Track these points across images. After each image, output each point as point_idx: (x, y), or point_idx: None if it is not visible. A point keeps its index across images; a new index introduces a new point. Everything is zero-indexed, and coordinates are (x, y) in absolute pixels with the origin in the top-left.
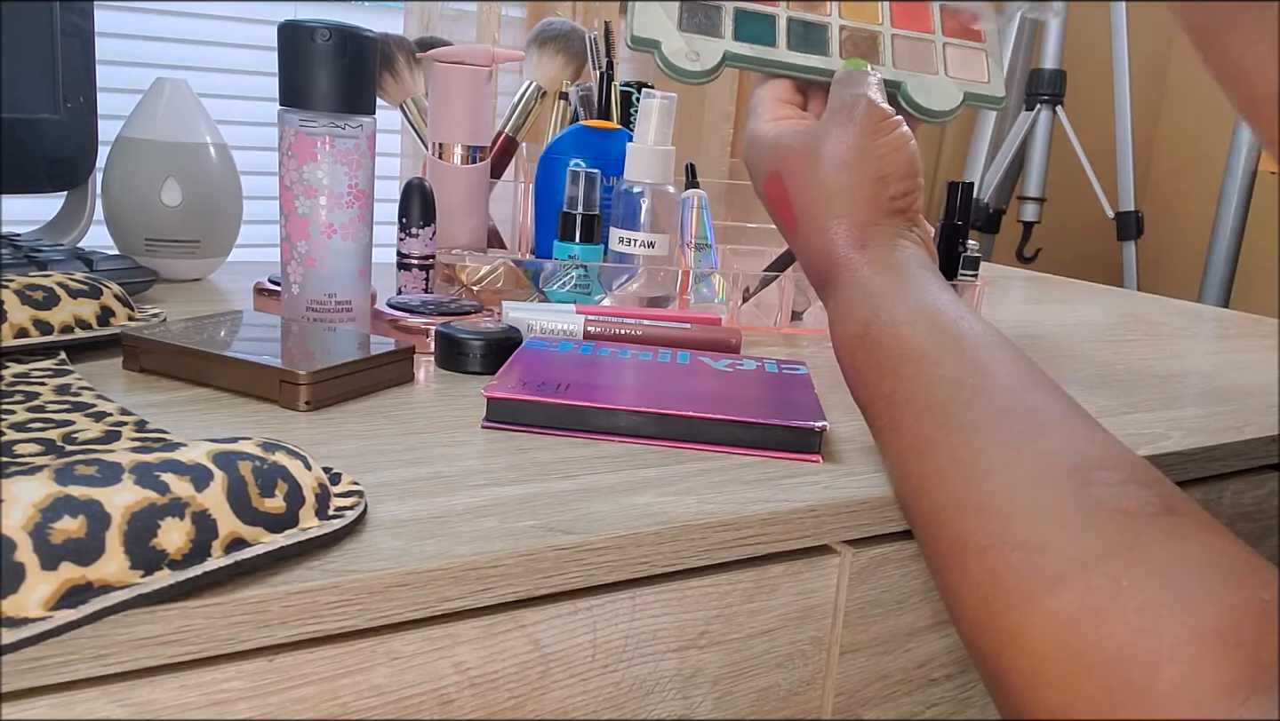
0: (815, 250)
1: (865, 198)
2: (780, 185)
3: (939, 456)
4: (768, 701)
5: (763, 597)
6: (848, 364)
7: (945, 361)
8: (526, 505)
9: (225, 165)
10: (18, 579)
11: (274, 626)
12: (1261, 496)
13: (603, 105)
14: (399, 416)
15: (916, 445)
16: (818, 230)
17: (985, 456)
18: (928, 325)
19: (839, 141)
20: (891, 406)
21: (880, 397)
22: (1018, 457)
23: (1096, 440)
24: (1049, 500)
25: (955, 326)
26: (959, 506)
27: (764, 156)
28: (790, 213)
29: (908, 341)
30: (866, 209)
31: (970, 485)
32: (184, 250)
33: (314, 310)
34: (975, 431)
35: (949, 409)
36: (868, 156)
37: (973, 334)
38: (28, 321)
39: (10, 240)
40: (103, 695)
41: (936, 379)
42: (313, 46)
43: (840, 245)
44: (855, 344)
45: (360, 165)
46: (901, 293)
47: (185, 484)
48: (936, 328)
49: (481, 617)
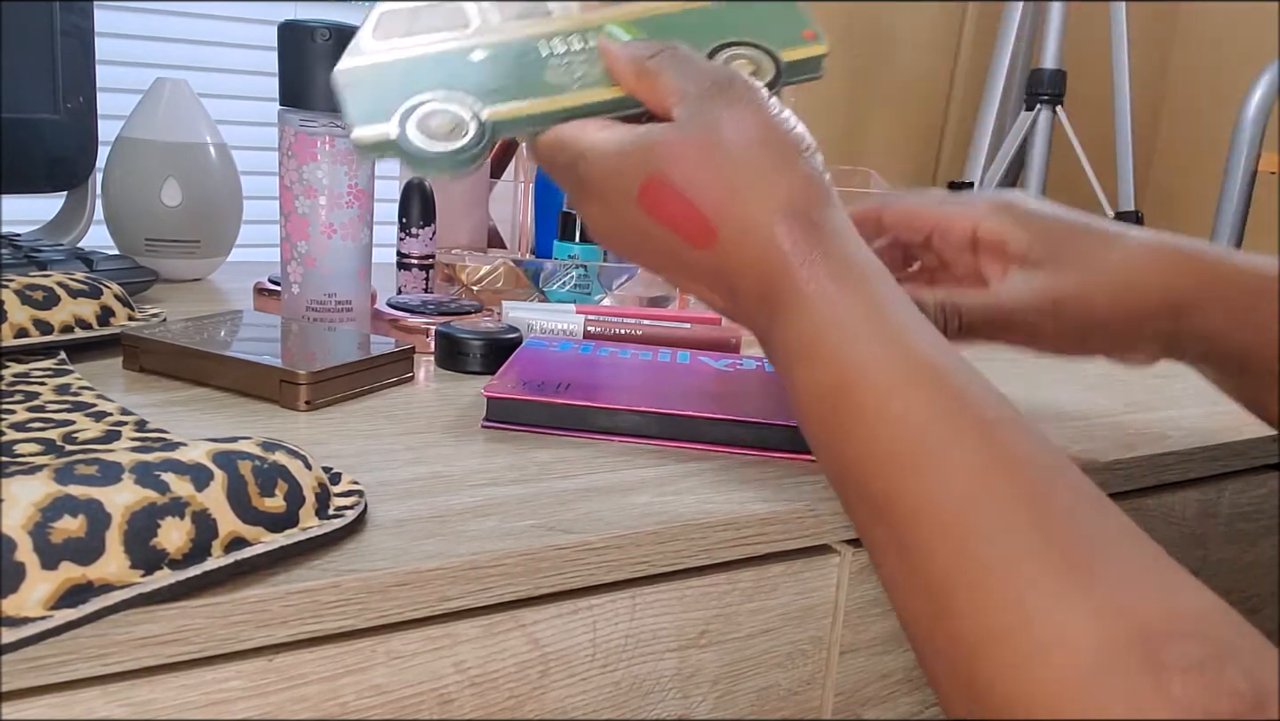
0: (750, 260)
1: (803, 177)
2: (668, 190)
3: (967, 601)
4: (768, 701)
5: (762, 597)
6: (815, 429)
7: (960, 453)
8: (526, 505)
9: (225, 165)
10: (18, 578)
11: (274, 626)
12: (1261, 496)
13: None
14: (399, 416)
15: (933, 581)
16: (750, 231)
17: (1029, 605)
18: (929, 390)
19: (738, 119)
20: (889, 515)
21: (871, 498)
22: (1073, 617)
23: (1165, 585)
24: (1116, 687)
25: (963, 391)
26: (1000, 676)
27: (625, 165)
28: (696, 220)
29: (906, 418)
30: (810, 191)
31: (1014, 649)
32: (184, 250)
33: (314, 310)
34: (1014, 569)
35: (976, 531)
36: (780, 129)
37: (982, 400)
38: (28, 321)
39: (10, 240)
40: (103, 694)
41: (951, 480)
42: (313, 46)
43: (790, 248)
44: (827, 405)
45: (360, 165)
46: (883, 327)
47: (185, 483)
48: (941, 392)
49: (481, 617)
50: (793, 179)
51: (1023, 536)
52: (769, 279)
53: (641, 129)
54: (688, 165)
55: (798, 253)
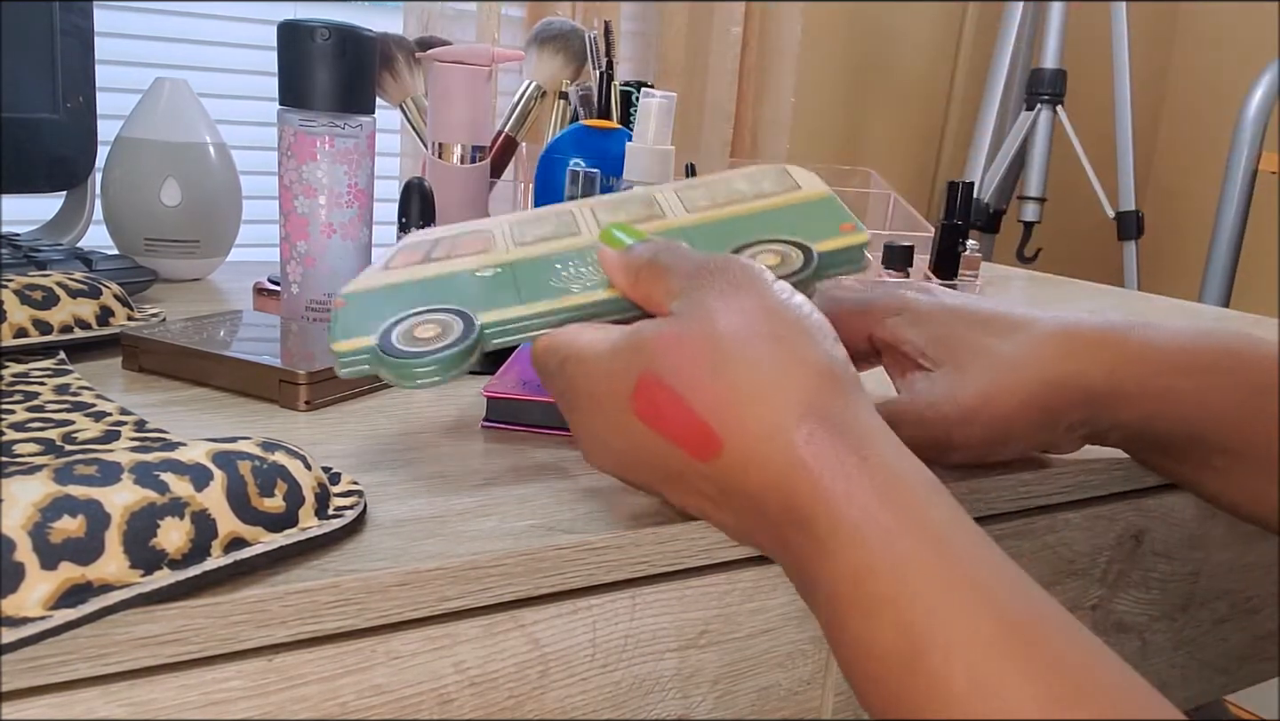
0: (764, 475)
1: (820, 369)
2: (663, 392)
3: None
4: (768, 701)
5: (762, 597)
6: (874, 690)
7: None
8: (526, 505)
9: (225, 165)
10: (17, 578)
11: (273, 626)
12: None
13: (602, 105)
14: (399, 416)
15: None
16: (762, 440)
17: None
18: (1023, 660)
19: (737, 307)
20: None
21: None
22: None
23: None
24: None
25: (1061, 657)
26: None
27: (616, 366)
28: (695, 426)
29: (1002, 694)
30: (830, 385)
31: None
32: (183, 250)
33: (313, 310)
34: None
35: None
36: (789, 315)
37: (1082, 666)
38: (27, 321)
39: (10, 240)
40: (102, 695)
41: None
42: (312, 46)
43: (815, 460)
44: (893, 671)
45: (360, 165)
46: (954, 566)
47: (185, 483)
48: (1037, 662)
49: (481, 617)
50: (806, 372)
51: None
52: (792, 500)
53: (634, 325)
54: (682, 362)
55: (827, 466)
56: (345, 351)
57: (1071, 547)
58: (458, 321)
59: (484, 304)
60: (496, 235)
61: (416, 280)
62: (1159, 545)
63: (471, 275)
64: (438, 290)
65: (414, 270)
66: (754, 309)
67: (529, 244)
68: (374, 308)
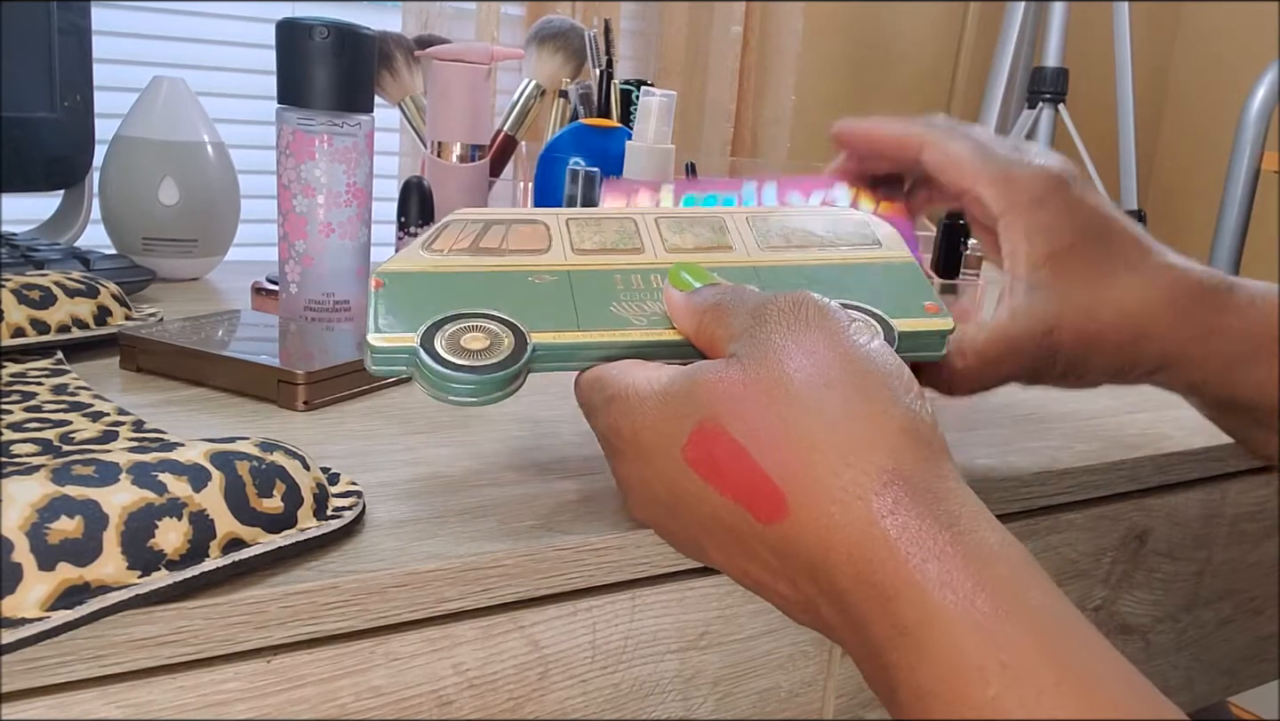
0: (835, 545)
1: (904, 426)
2: (721, 441)
3: None
4: (769, 702)
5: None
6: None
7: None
8: (526, 505)
9: (223, 164)
10: (15, 579)
11: (272, 627)
12: (1264, 497)
13: (602, 103)
14: (398, 416)
15: None
16: (835, 504)
17: None
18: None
19: (810, 350)
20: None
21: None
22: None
23: None
24: None
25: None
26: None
27: (669, 409)
28: (758, 482)
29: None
30: (916, 447)
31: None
32: (181, 249)
33: (312, 309)
34: None
35: None
36: (868, 362)
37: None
38: (24, 321)
39: (7, 239)
40: (100, 696)
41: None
42: (311, 44)
43: (899, 533)
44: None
45: (358, 164)
46: (1060, 665)
47: (183, 484)
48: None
49: (480, 618)
50: (889, 429)
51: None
52: (870, 577)
53: (691, 366)
54: (745, 410)
55: (916, 542)
56: (382, 347)
57: (1075, 548)
58: (508, 335)
59: (538, 320)
60: (553, 233)
61: (466, 273)
62: (1163, 545)
63: (526, 279)
64: (489, 290)
65: (462, 259)
66: (826, 352)
67: (589, 252)
68: (416, 297)
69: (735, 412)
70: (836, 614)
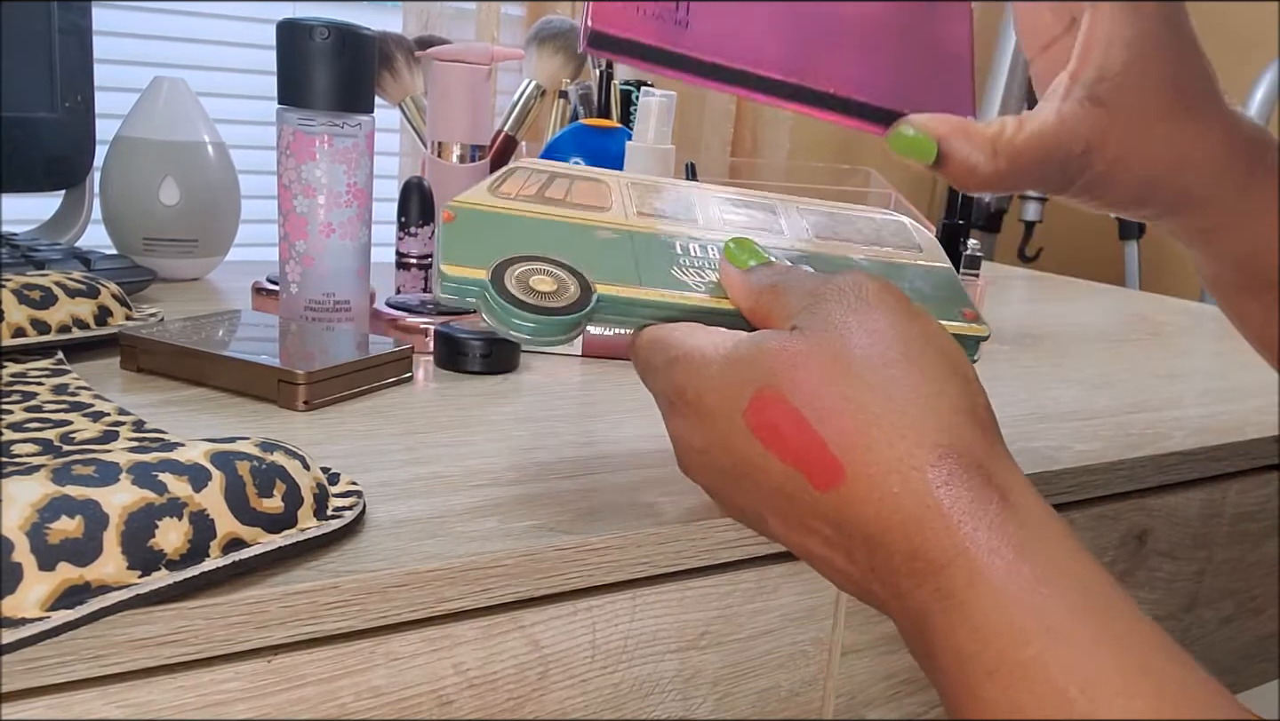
0: (890, 514)
1: (961, 405)
2: (782, 408)
3: None
4: (769, 702)
5: (764, 598)
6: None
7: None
8: (526, 505)
9: (223, 164)
10: (15, 579)
11: (272, 627)
12: (1264, 496)
13: (602, 104)
14: (398, 416)
15: None
16: (891, 474)
17: None
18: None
19: (873, 326)
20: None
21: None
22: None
23: None
24: None
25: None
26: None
27: (732, 374)
28: (816, 450)
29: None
30: (973, 425)
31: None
32: (182, 249)
33: (312, 310)
34: None
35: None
36: (928, 342)
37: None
38: (25, 321)
39: (8, 239)
40: (100, 696)
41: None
42: (311, 45)
43: (952, 505)
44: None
45: (359, 164)
46: (1102, 632)
47: (183, 484)
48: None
49: (481, 618)
50: (946, 406)
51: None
52: (921, 546)
53: (756, 334)
54: (808, 379)
55: (968, 512)
56: (454, 276)
57: None
58: (574, 283)
59: (602, 272)
60: (614, 192)
61: (533, 219)
62: (1163, 544)
63: (591, 233)
64: (555, 237)
65: (530, 205)
66: (888, 330)
67: (650, 215)
68: (485, 234)
69: (795, 381)
70: (885, 587)
